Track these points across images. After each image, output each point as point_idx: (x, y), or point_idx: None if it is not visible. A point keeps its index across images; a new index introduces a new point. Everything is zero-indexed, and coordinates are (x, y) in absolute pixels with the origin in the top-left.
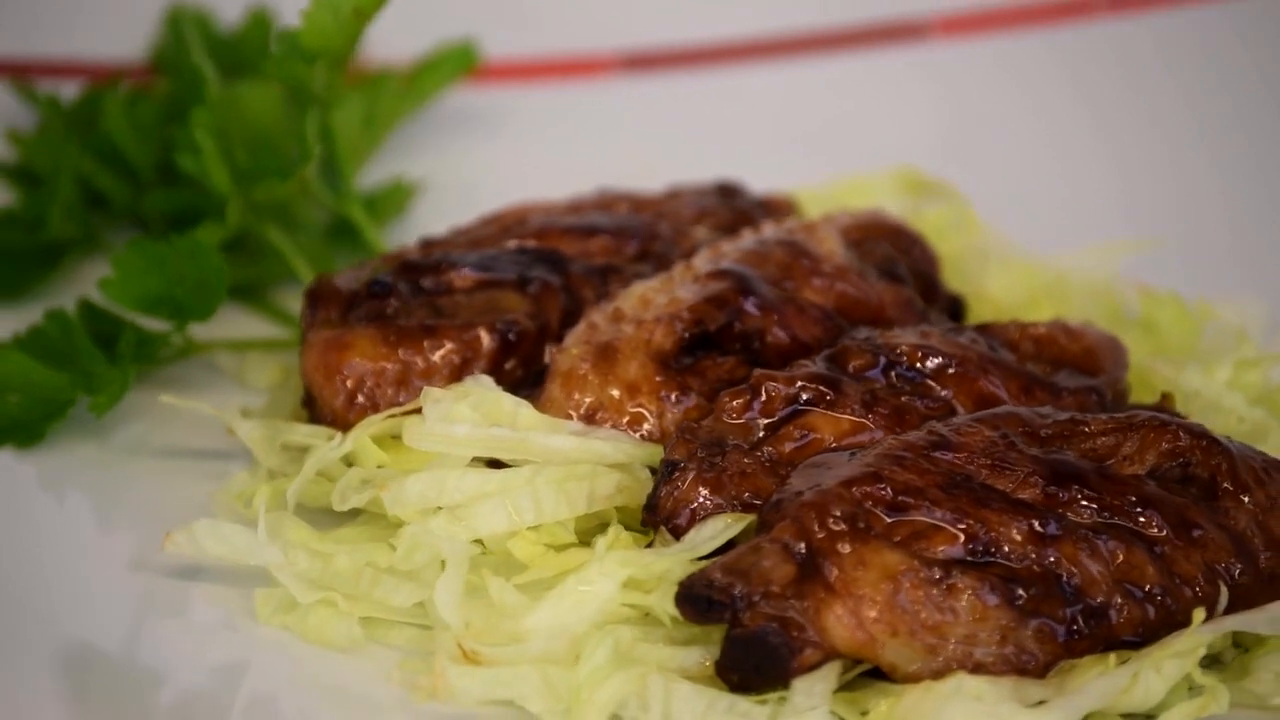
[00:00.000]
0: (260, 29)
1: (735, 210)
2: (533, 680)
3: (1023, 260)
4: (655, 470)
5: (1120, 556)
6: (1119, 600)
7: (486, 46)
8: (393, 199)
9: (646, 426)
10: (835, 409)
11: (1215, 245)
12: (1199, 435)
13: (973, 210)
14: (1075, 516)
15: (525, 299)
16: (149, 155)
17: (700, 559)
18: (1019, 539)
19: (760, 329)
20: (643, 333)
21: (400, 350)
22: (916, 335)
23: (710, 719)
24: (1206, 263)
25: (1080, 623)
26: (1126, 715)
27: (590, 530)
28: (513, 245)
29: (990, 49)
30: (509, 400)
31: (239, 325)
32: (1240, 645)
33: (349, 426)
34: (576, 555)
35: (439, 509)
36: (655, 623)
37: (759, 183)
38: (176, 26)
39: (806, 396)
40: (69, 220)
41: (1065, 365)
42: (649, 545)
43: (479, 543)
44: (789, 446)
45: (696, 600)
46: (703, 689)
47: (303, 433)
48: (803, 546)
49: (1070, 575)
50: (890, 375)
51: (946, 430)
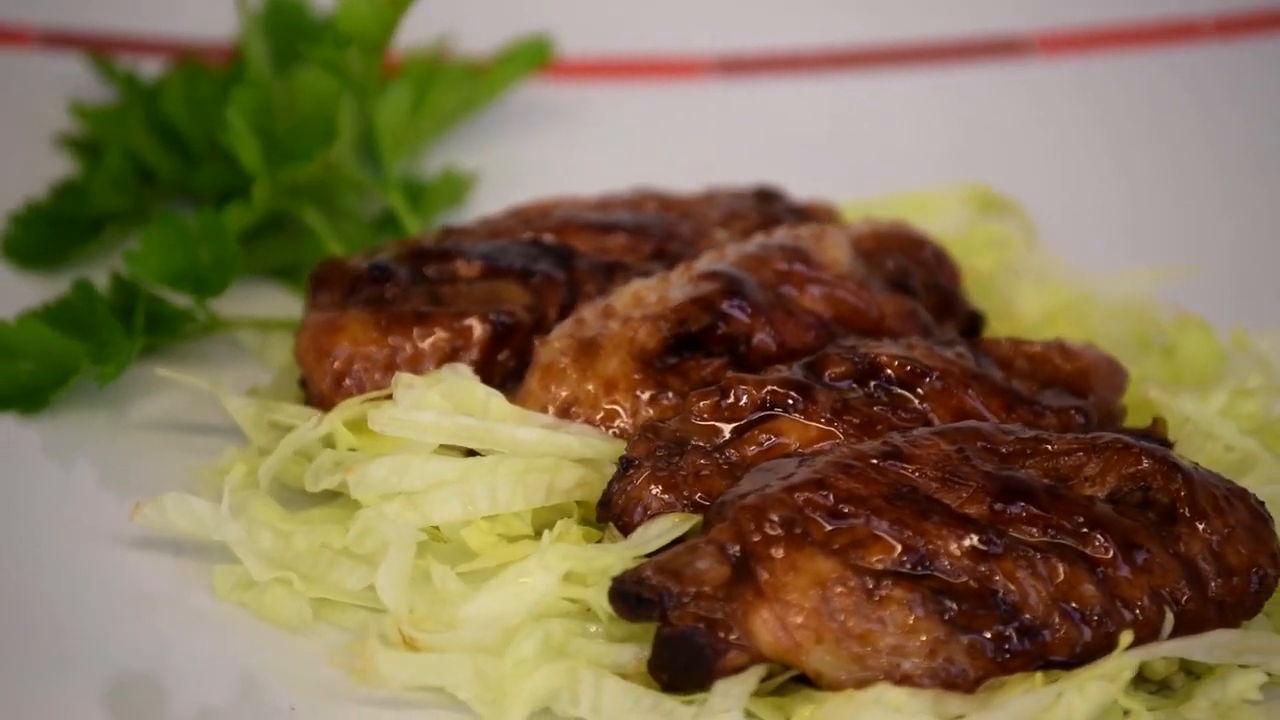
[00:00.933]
0: None
1: (765, 215)
2: (463, 668)
3: (1058, 280)
4: None
5: (1061, 576)
6: (1056, 620)
7: (580, 44)
8: (446, 189)
9: (620, 423)
10: (805, 415)
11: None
12: (1160, 460)
13: (1034, 229)
14: (1020, 534)
15: (527, 291)
16: (203, 133)
17: (644, 557)
18: (957, 553)
19: (747, 333)
20: (627, 330)
21: (390, 336)
22: (900, 347)
23: (635, 716)
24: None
25: (1014, 640)
26: None
27: (554, 523)
28: (526, 237)
29: (1088, 69)
30: (482, 390)
31: (272, 304)
32: (1192, 673)
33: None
34: (527, 547)
35: (398, 494)
36: (594, 618)
37: (836, 193)
38: (244, 7)
39: (776, 401)
40: (116, 193)
41: (1057, 384)
42: (599, 541)
43: (436, 530)
44: (753, 450)
45: (627, 597)
46: (631, 686)
47: (288, 412)
48: (738, 549)
49: (1007, 592)
50: (869, 385)
51: (901, 441)
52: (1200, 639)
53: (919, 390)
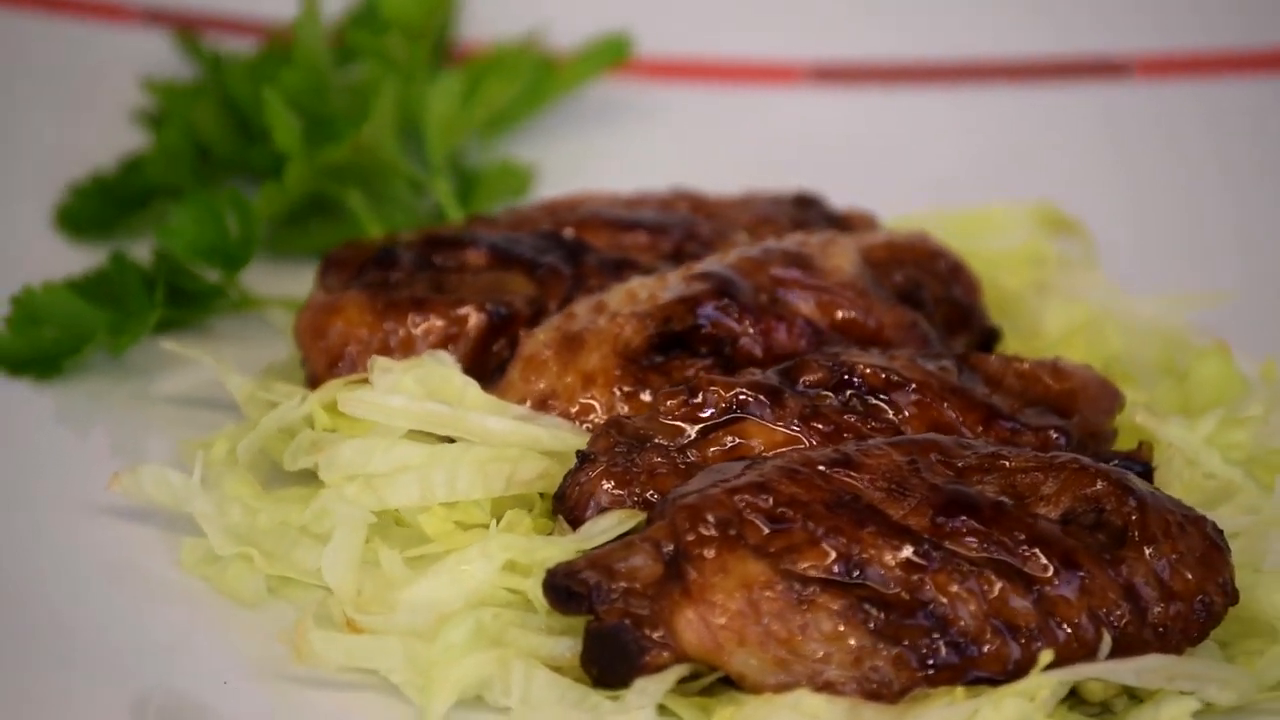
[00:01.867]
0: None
1: (797, 221)
2: (397, 652)
3: (1088, 300)
4: None
5: (996, 592)
6: (988, 635)
7: (679, 46)
8: (503, 180)
9: (594, 418)
10: (772, 420)
11: None
12: (1115, 482)
13: (1094, 250)
14: (959, 548)
15: (532, 283)
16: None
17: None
18: (891, 564)
19: (733, 335)
20: (614, 326)
21: (385, 320)
22: (881, 357)
23: (561, 709)
24: None
25: (942, 653)
26: None
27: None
28: (543, 230)
29: (1185, 95)
30: (459, 378)
31: (308, 285)
32: (1136, 697)
33: None
34: (479, 535)
35: (360, 476)
36: (534, 609)
37: (909, 205)
38: None
39: (744, 404)
40: (171, 168)
41: (1045, 403)
42: (550, 534)
43: (399, 514)
44: (715, 451)
45: (558, 589)
46: (559, 678)
47: (279, 391)
48: (671, 548)
49: (938, 605)
50: (844, 393)
51: (853, 449)
52: (1130, 662)
53: (895, 401)
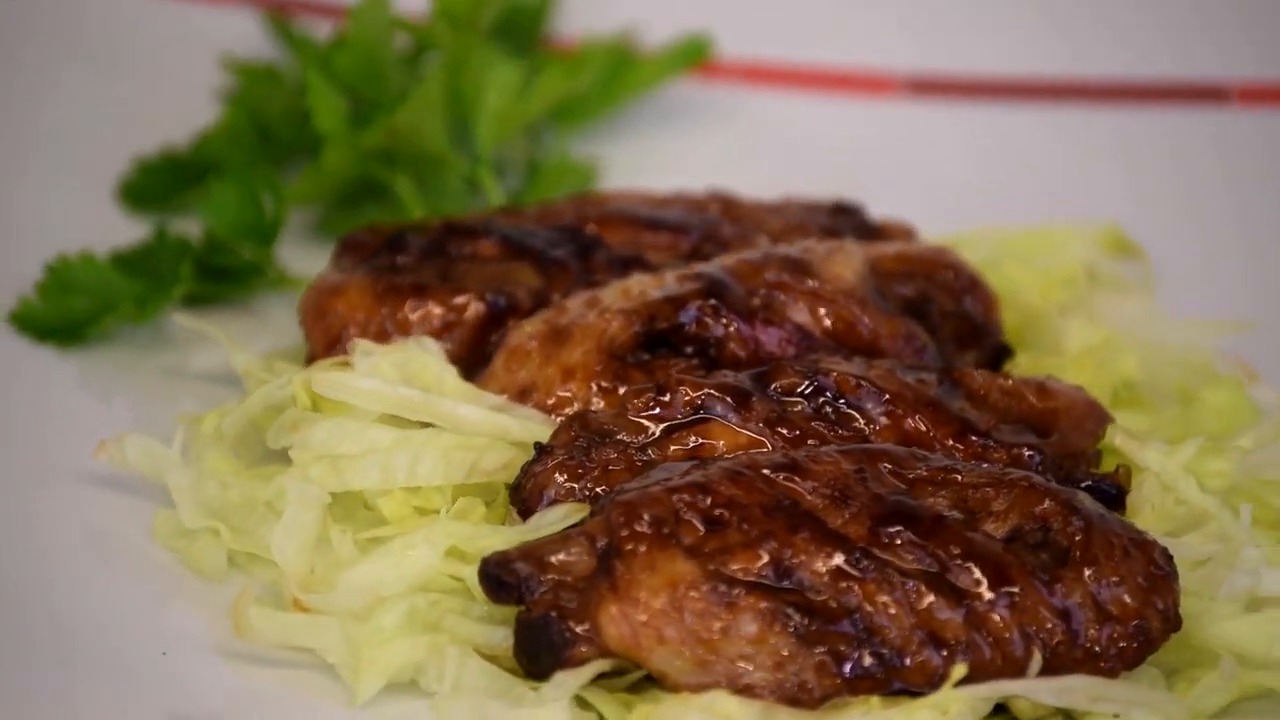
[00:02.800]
0: None
1: (827, 229)
2: (333, 633)
3: (1120, 324)
4: None
5: (926, 605)
6: (914, 647)
7: (779, 51)
8: (564, 175)
9: (570, 411)
10: (738, 422)
11: None
12: (1062, 502)
13: (1151, 275)
14: (894, 559)
15: (539, 275)
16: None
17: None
18: (822, 570)
19: (719, 337)
20: (601, 322)
21: (384, 304)
22: (859, 366)
23: (485, 697)
24: None
25: (866, 662)
26: None
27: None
28: (563, 224)
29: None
30: (437, 364)
31: None
32: (1071, 717)
33: None
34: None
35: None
36: (475, 597)
37: (982, 220)
38: None
39: (711, 405)
40: (232, 146)
41: (1027, 421)
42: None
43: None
44: (677, 450)
45: (490, 578)
46: (491, 667)
47: (278, 370)
48: (605, 543)
49: (865, 615)
50: (817, 400)
51: (802, 455)
52: (1052, 681)
53: (867, 410)
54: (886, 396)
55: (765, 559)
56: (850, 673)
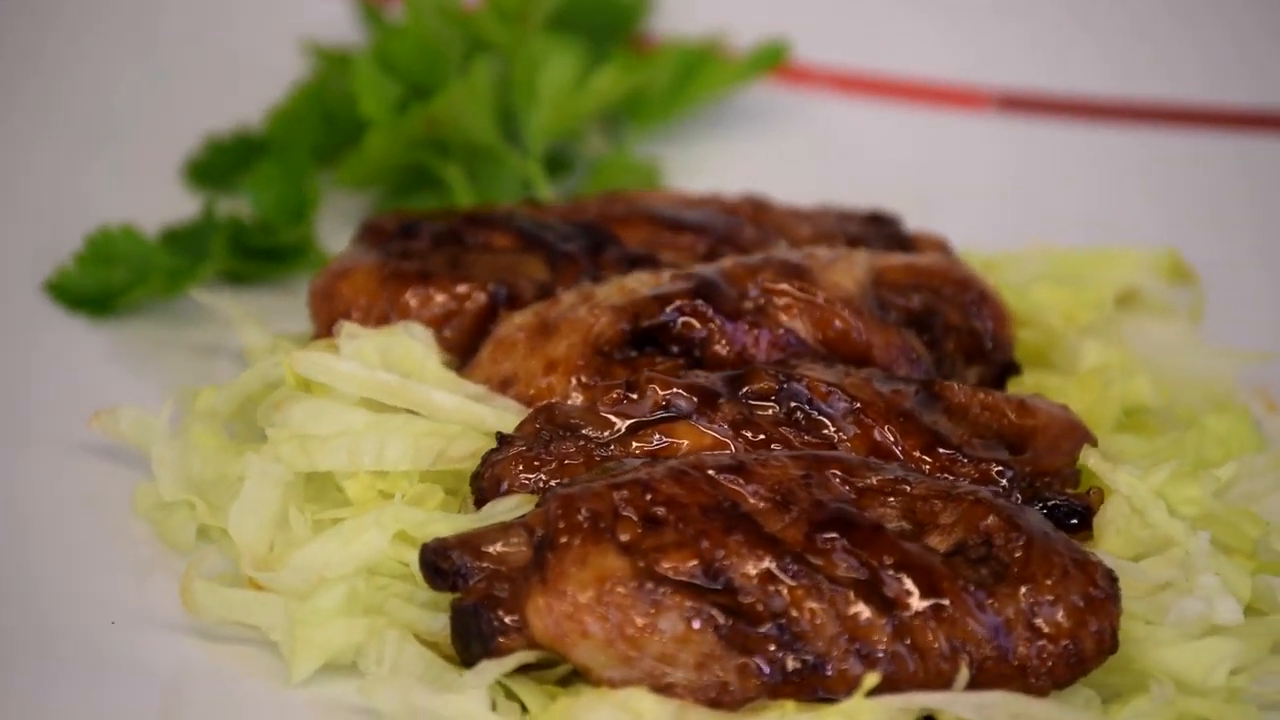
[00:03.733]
0: None
1: (855, 238)
2: (277, 611)
3: (1145, 349)
4: None
5: (854, 614)
6: (838, 655)
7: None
8: (623, 173)
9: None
10: (704, 423)
11: None
12: (1006, 518)
13: (1201, 302)
14: (828, 566)
15: (548, 268)
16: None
17: None
18: (752, 574)
19: (704, 338)
20: (589, 317)
21: (387, 290)
22: (835, 373)
23: (418, 682)
24: None
25: (789, 668)
26: None
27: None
28: (583, 220)
29: None
30: (421, 351)
31: None
32: None
33: None
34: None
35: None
36: (420, 583)
37: (1047, 239)
38: None
39: (678, 404)
40: (296, 128)
41: (1003, 437)
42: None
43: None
44: (640, 447)
45: (427, 565)
46: (427, 652)
47: (283, 348)
48: (542, 534)
49: (792, 620)
50: (789, 405)
51: (750, 458)
52: (973, 695)
53: (838, 419)
54: (857, 405)
55: (697, 559)
56: (772, 677)
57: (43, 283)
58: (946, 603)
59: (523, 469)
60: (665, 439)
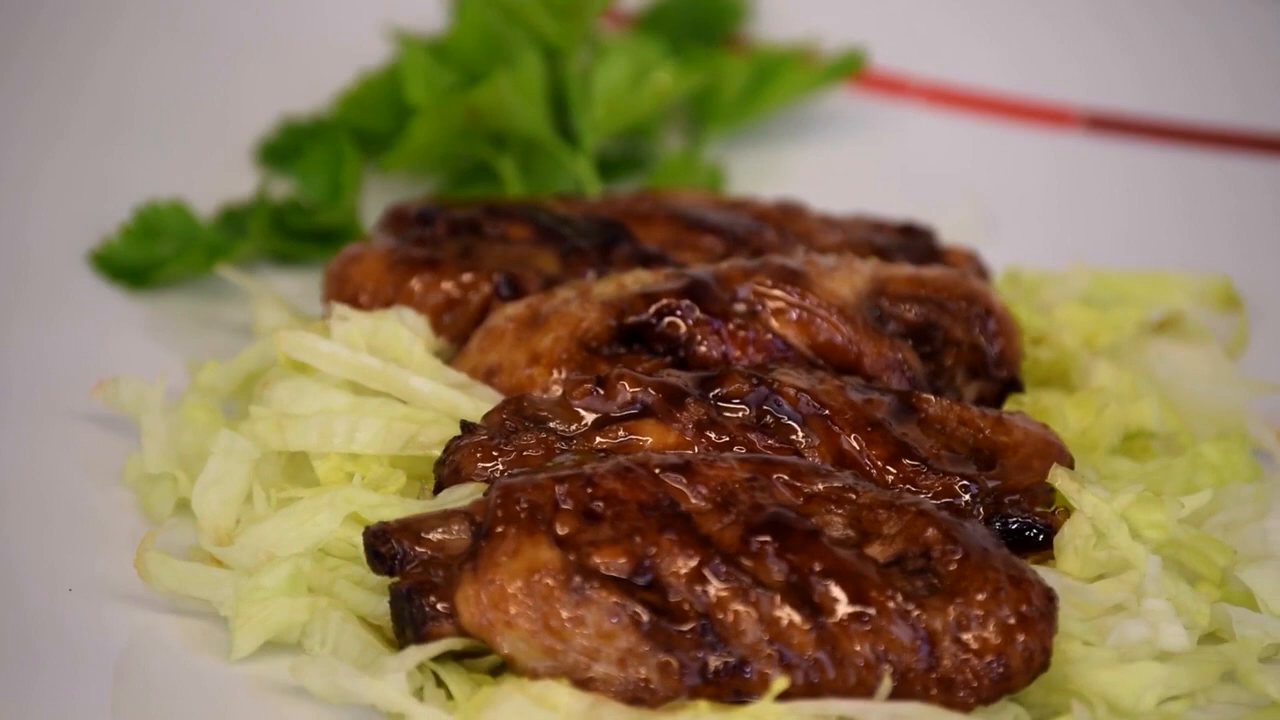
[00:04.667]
0: None
1: (880, 248)
2: (226, 587)
3: (1165, 375)
4: None
5: (779, 618)
6: (761, 659)
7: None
8: (682, 173)
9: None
10: (669, 422)
11: None
12: (944, 531)
13: (1244, 333)
14: (760, 570)
15: (559, 262)
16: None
17: None
18: (681, 573)
19: (689, 338)
20: (580, 312)
21: (393, 275)
22: (809, 380)
23: (345, 664)
24: None
25: (711, 668)
26: None
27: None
28: (602, 216)
29: None
30: (408, 336)
31: None
32: None
33: None
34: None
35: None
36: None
37: (1123, 261)
38: None
39: (645, 402)
40: (358, 112)
41: (978, 452)
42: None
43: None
44: (603, 443)
45: (368, 548)
46: (366, 635)
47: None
48: (480, 523)
49: (717, 621)
50: (761, 409)
51: (699, 458)
52: (885, 705)
53: (808, 425)
54: (826, 412)
55: (628, 556)
56: (693, 677)
57: (87, 253)
58: (873, 612)
59: (481, 458)
60: (630, 435)
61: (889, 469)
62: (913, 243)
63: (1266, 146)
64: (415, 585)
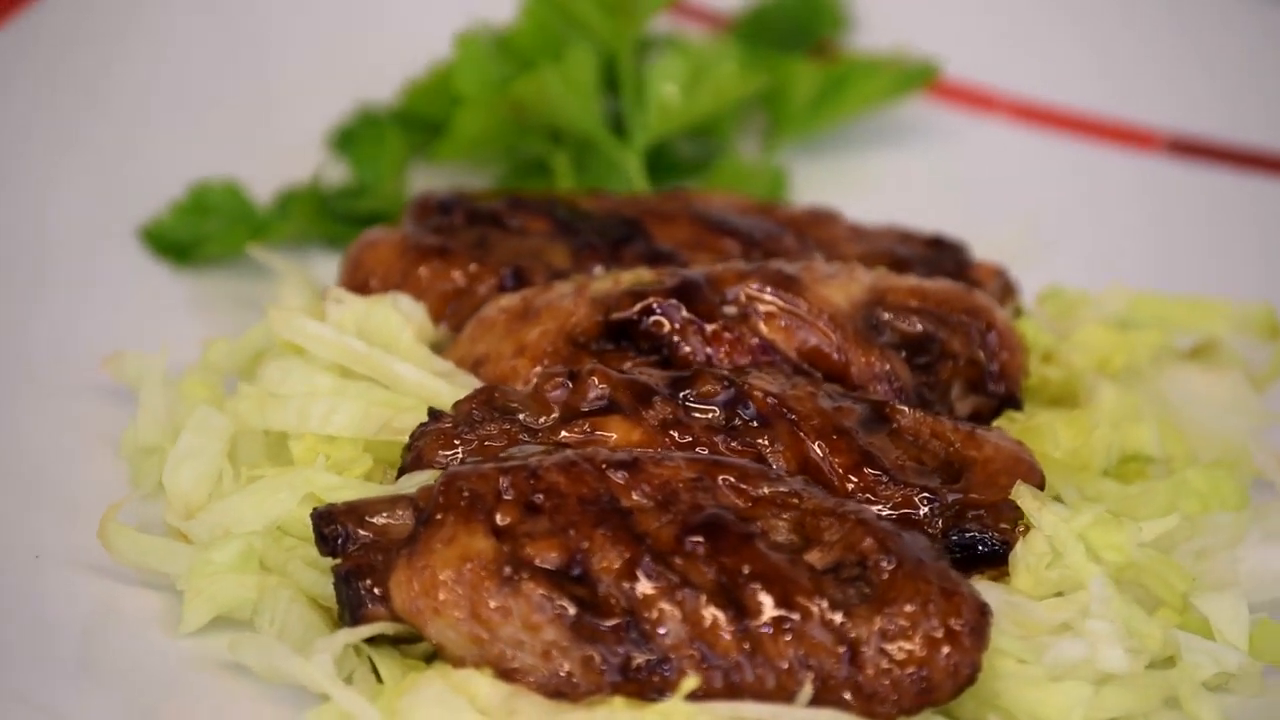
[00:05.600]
0: None
1: (900, 260)
2: (183, 561)
3: (1176, 399)
4: None
5: (705, 619)
6: (684, 658)
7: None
8: (738, 177)
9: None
10: (635, 419)
11: None
12: (880, 541)
13: (1278, 364)
14: (692, 570)
15: (571, 257)
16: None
17: None
18: (612, 569)
19: (673, 338)
20: (571, 306)
21: (404, 261)
22: (781, 384)
23: (279, 643)
24: None
25: (633, 665)
26: None
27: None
28: (623, 214)
29: None
30: (398, 322)
31: None
32: None
33: None
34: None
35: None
36: None
37: (1183, 286)
38: None
39: (611, 398)
40: (426, 102)
41: (949, 465)
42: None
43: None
44: (568, 436)
45: (315, 529)
46: (311, 615)
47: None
48: (422, 510)
49: (644, 619)
50: (731, 410)
51: (647, 455)
52: (797, 711)
53: (774, 429)
54: (793, 417)
55: (561, 549)
56: (614, 673)
57: (138, 229)
58: (797, 617)
59: (441, 446)
60: (596, 431)
61: (850, 477)
62: (939, 255)
63: None
64: (354, 568)
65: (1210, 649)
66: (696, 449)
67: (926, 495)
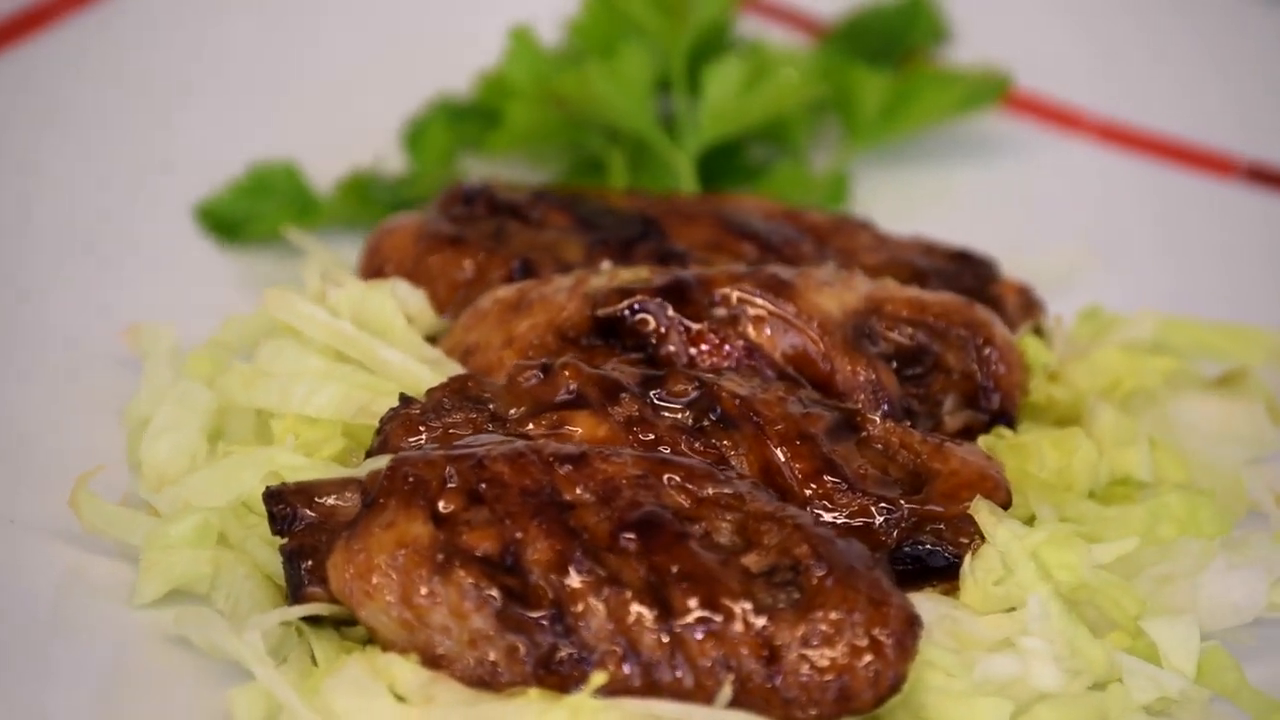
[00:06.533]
0: None
1: (921, 272)
2: (141, 532)
3: (1180, 426)
4: None
5: (629, 615)
6: (605, 652)
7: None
8: (794, 184)
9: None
10: (601, 414)
11: None
12: (813, 548)
13: None
14: (624, 567)
15: (583, 251)
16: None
17: None
18: (543, 561)
19: (658, 336)
20: (563, 300)
21: (417, 249)
22: (749, 388)
23: (248, 619)
24: None
25: (554, 657)
26: None
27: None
28: (644, 214)
29: None
30: (392, 308)
31: None
32: None
33: None
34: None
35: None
36: None
37: (1246, 316)
38: None
39: (583, 393)
40: (498, 95)
41: (915, 476)
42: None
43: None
44: (533, 429)
45: (266, 507)
46: (258, 592)
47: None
48: (367, 493)
49: (569, 612)
50: (700, 410)
51: (596, 450)
52: (706, 711)
53: (739, 431)
54: (759, 420)
55: (497, 539)
56: (537, 665)
57: (194, 206)
58: (720, 619)
59: (407, 432)
60: (563, 426)
61: (810, 484)
62: (961, 269)
63: None
64: (297, 548)
65: (1153, 674)
66: (659, 447)
67: (884, 505)
